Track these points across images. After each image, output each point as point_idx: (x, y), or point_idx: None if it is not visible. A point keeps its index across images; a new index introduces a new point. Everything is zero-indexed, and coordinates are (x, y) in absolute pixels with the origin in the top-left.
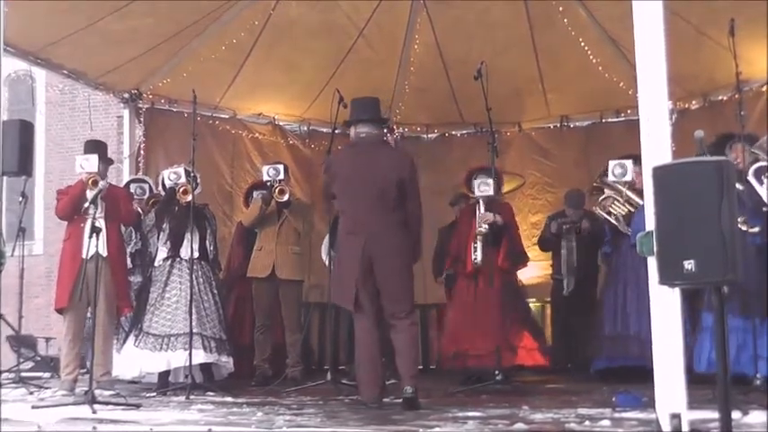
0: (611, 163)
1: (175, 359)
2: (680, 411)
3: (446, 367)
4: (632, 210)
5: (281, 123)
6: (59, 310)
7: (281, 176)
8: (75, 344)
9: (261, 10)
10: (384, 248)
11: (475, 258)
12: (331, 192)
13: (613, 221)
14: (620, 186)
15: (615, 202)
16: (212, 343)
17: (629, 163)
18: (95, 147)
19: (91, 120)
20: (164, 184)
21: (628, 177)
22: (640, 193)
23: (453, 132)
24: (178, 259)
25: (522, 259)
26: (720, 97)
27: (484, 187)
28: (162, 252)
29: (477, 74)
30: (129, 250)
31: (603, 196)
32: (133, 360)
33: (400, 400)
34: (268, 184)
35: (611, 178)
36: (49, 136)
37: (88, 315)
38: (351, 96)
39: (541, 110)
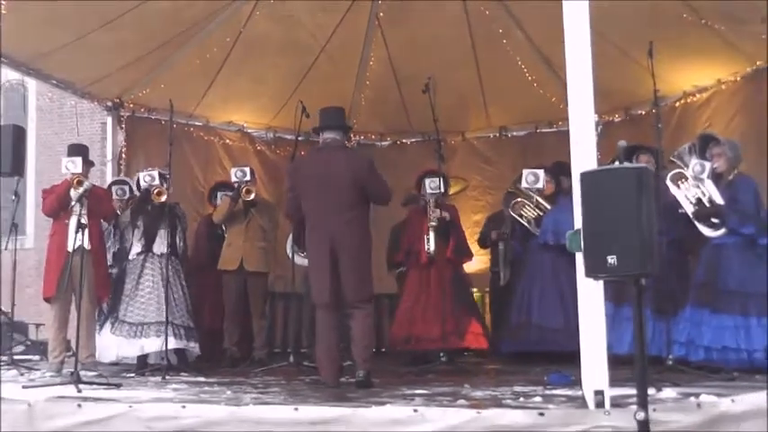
0: (525, 171)
1: (149, 345)
2: (603, 388)
3: (397, 350)
4: (541, 213)
5: (249, 131)
6: (47, 299)
7: (248, 178)
8: (62, 330)
9: (232, 28)
10: (345, 245)
11: (428, 249)
12: (292, 195)
13: (525, 223)
14: (531, 193)
15: (526, 206)
16: (182, 330)
17: (540, 172)
18: (78, 150)
19: (78, 125)
20: (139, 185)
21: (539, 185)
22: (548, 199)
23: (404, 140)
24: (151, 254)
25: (467, 253)
26: (640, 111)
27: (433, 185)
28: (136, 247)
29: (425, 88)
30: (109, 247)
31: (516, 200)
32: (110, 346)
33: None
34: (236, 184)
35: (524, 185)
36: (40, 140)
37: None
38: (313, 107)
39: (483, 121)
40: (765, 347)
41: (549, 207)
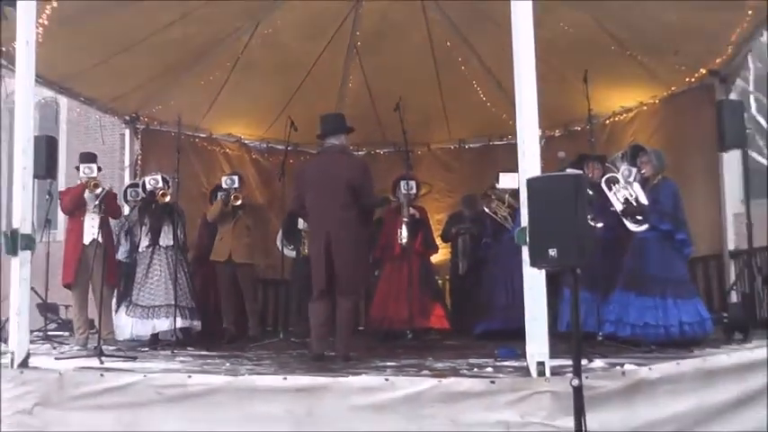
0: (501, 174)
1: (159, 324)
2: (544, 360)
3: (373, 328)
4: (512, 211)
5: (246, 141)
6: (67, 286)
7: (236, 185)
8: (83, 311)
9: (232, 54)
10: (340, 241)
11: (401, 240)
12: (296, 195)
13: (499, 220)
14: (502, 194)
15: (500, 205)
16: (186, 311)
17: (514, 175)
18: (91, 157)
19: (101, 136)
20: (144, 187)
21: (514, 186)
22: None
23: (378, 150)
24: (157, 246)
25: (433, 247)
26: (577, 127)
27: (408, 187)
28: (144, 241)
29: (396, 106)
30: (128, 240)
31: (491, 200)
32: (126, 325)
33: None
34: (226, 191)
35: (499, 187)
36: (69, 148)
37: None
38: (300, 122)
39: (444, 134)
40: (678, 323)
41: (518, 206)
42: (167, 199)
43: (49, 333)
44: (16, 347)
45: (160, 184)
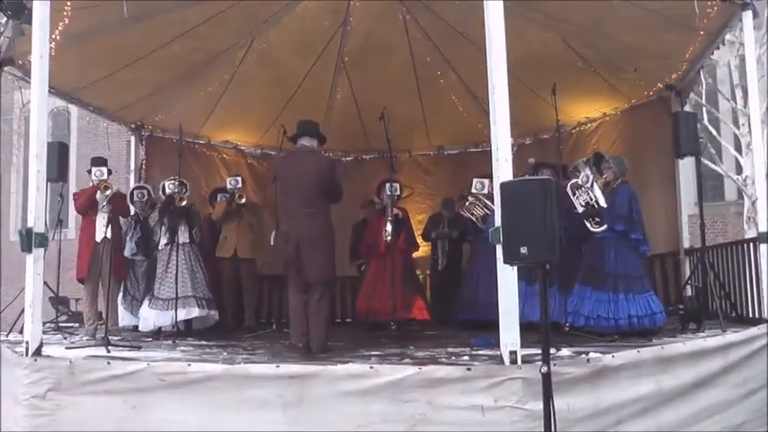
0: (475, 179)
1: (179, 315)
2: (516, 349)
3: (359, 319)
4: (488, 212)
5: (242, 148)
6: (80, 280)
7: (240, 185)
8: (93, 303)
9: (229, 68)
10: (306, 236)
11: (386, 237)
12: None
13: (475, 220)
14: (479, 196)
15: (476, 206)
16: (203, 302)
17: (486, 180)
18: (102, 161)
19: (108, 142)
20: (163, 191)
21: (485, 190)
22: (493, 200)
23: (364, 156)
24: (175, 244)
25: (415, 245)
26: (545, 136)
27: (393, 189)
28: (164, 239)
29: (381, 116)
30: (132, 238)
31: (468, 202)
32: (149, 317)
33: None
34: (230, 191)
35: (474, 190)
36: (79, 153)
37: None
38: (292, 129)
39: (425, 142)
40: (627, 316)
41: (494, 207)
42: (184, 203)
43: (61, 324)
44: (30, 337)
45: (177, 189)
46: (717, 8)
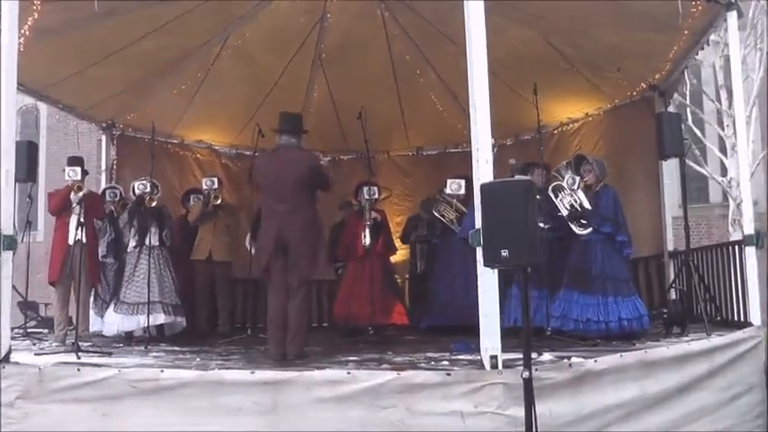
0: (449, 180)
1: (144, 320)
2: (496, 353)
3: (337, 324)
4: (458, 215)
5: (216, 147)
6: (51, 283)
7: (216, 186)
8: (64, 308)
9: (203, 65)
10: (290, 232)
11: (364, 242)
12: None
13: (446, 222)
14: (451, 198)
15: (447, 208)
16: (170, 308)
17: (461, 181)
18: (77, 161)
19: (78, 142)
20: (134, 192)
21: (461, 192)
22: (465, 203)
23: (341, 157)
24: (144, 247)
25: (393, 248)
26: (527, 137)
27: (371, 192)
28: (132, 242)
29: (358, 115)
30: (105, 240)
31: (439, 203)
32: (114, 322)
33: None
34: (206, 191)
35: (447, 191)
36: (49, 153)
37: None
38: (267, 129)
39: (403, 142)
40: (617, 319)
41: (464, 210)
42: (154, 204)
43: (29, 330)
44: None
45: (148, 189)
46: (701, 8)
